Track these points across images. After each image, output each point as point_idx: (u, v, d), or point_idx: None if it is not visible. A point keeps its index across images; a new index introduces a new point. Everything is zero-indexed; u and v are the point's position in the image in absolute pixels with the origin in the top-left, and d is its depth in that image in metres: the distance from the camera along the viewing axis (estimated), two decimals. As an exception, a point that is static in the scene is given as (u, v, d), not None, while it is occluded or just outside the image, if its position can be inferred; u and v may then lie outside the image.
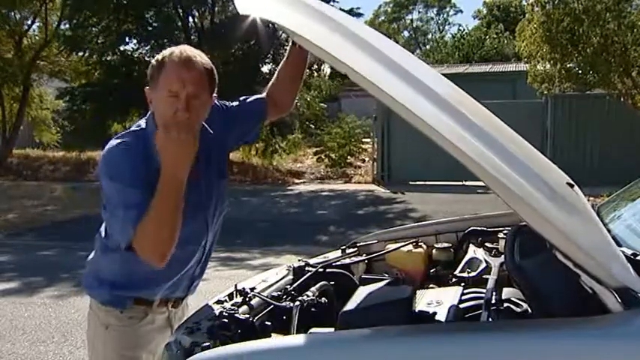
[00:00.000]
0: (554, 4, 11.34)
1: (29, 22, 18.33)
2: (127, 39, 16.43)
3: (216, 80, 1.86)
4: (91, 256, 2.01)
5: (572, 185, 1.96)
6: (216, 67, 1.90)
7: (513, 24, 19.31)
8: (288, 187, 14.37)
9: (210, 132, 1.91)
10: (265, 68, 16.44)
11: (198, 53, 1.82)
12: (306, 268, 2.19)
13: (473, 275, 2.15)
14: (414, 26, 47.59)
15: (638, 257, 1.59)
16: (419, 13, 48.13)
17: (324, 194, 13.09)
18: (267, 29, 15.60)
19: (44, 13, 17.72)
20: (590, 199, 1.93)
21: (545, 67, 12.42)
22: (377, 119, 14.65)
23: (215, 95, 1.90)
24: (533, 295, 1.62)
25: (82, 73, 18.12)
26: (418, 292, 1.88)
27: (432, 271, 2.37)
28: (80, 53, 17.11)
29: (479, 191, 12.04)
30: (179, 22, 16.37)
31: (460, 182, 13.16)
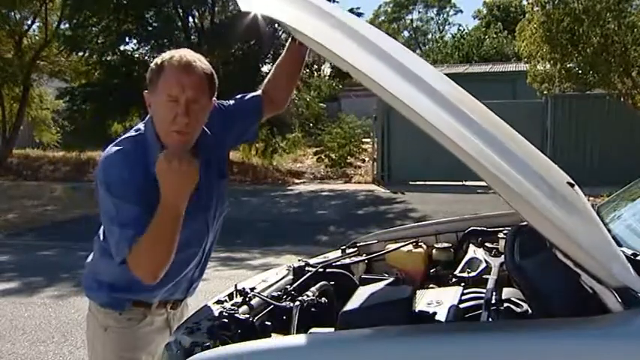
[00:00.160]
0: (554, 4, 11.35)
1: (29, 22, 18.37)
2: (127, 39, 16.45)
3: (215, 84, 1.84)
4: (89, 258, 2.01)
5: (572, 185, 1.96)
6: (216, 67, 1.89)
7: (513, 24, 19.30)
8: (288, 187, 14.37)
9: (209, 133, 1.89)
10: (265, 68, 16.43)
11: (198, 57, 1.80)
12: (306, 268, 2.19)
13: (473, 275, 2.15)
14: (414, 26, 47.59)
15: (638, 257, 1.59)
16: (419, 13, 48.18)
17: (324, 194, 13.09)
18: (268, 29, 15.62)
19: (44, 13, 17.72)
20: (590, 199, 1.93)
21: (545, 67, 12.43)
22: (377, 119, 14.66)
23: (214, 100, 1.88)
24: (533, 295, 1.62)
25: (82, 73, 18.12)
26: (418, 292, 1.88)
27: (432, 271, 2.37)
28: (80, 53, 17.11)
29: (479, 191, 12.04)
30: (179, 22, 16.37)
31: (460, 182, 13.17)
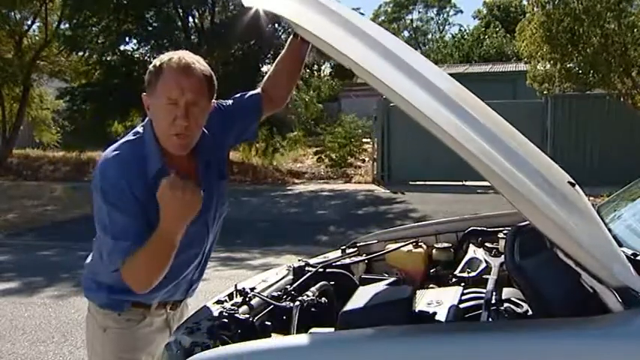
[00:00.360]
0: (554, 4, 11.34)
1: (29, 22, 18.36)
2: (127, 39, 16.46)
3: (215, 86, 1.83)
4: (89, 259, 2.00)
5: (573, 184, 1.95)
6: (215, 68, 1.88)
7: (513, 24, 19.31)
8: (288, 187, 14.37)
9: (208, 134, 1.88)
10: (265, 68, 16.43)
11: (197, 59, 1.78)
12: (306, 268, 2.18)
13: (473, 275, 2.15)
14: (414, 26, 47.55)
15: (638, 257, 1.59)
16: (419, 13, 48.15)
17: (324, 194, 13.09)
18: (268, 29, 15.62)
19: (44, 13, 17.71)
20: (590, 199, 1.93)
21: (545, 67, 12.43)
22: (377, 119, 14.66)
23: (213, 102, 1.87)
24: (533, 295, 1.62)
25: (82, 73, 18.12)
26: (418, 292, 1.88)
27: (432, 271, 2.37)
28: (80, 53, 17.13)
29: (479, 191, 12.05)
30: (179, 22, 16.37)
31: (460, 182, 13.17)
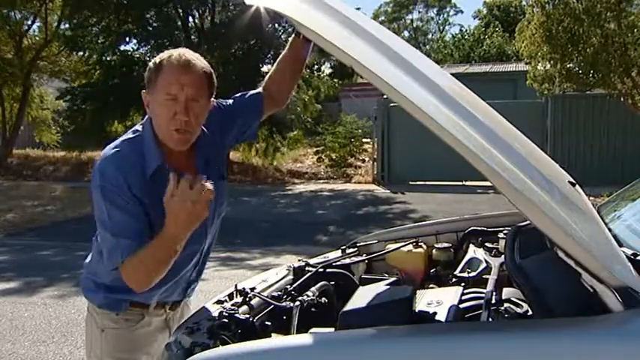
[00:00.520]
0: (554, 4, 11.34)
1: (29, 22, 18.36)
2: (127, 39, 16.46)
3: (214, 84, 1.83)
4: (87, 260, 2.00)
5: (573, 184, 1.95)
6: (215, 67, 1.88)
7: (513, 24, 19.30)
8: (288, 187, 14.37)
9: (208, 133, 1.88)
10: (265, 68, 16.43)
11: (197, 57, 1.79)
12: (306, 268, 2.18)
13: (473, 275, 2.15)
14: (414, 26, 47.57)
15: (638, 257, 1.59)
16: (419, 13, 48.18)
17: (324, 194, 13.09)
18: (268, 29, 15.62)
19: (44, 13, 17.71)
20: (590, 199, 1.93)
21: (545, 67, 12.43)
22: (377, 119, 14.66)
23: (213, 100, 1.87)
24: (533, 295, 1.62)
25: (82, 73, 18.13)
26: (418, 292, 1.87)
27: (432, 271, 2.37)
28: (80, 53, 17.13)
29: (479, 191, 12.05)
30: (179, 22, 16.38)
31: (460, 182, 13.18)
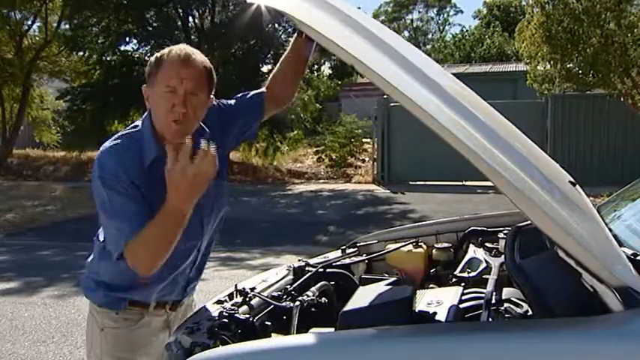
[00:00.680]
0: (554, 4, 11.34)
1: (29, 22, 18.36)
2: (127, 39, 16.47)
3: (214, 80, 1.85)
4: (89, 259, 2.02)
5: (574, 184, 1.95)
6: (216, 68, 1.89)
7: (513, 24, 19.30)
8: (288, 187, 14.38)
9: (208, 131, 1.88)
10: (265, 68, 16.44)
11: (198, 52, 1.81)
12: (306, 268, 2.18)
13: (473, 275, 2.14)
14: (414, 26, 47.59)
15: (638, 257, 1.59)
16: (419, 13, 48.21)
17: (324, 194, 13.09)
18: (268, 29, 15.62)
19: (44, 13, 17.72)
20: (590, 199, 1.93)
21: (545, 67, 12.43)
22: (377, 119, 14.66)
23: (212, 97, 1.88)
24: (533, 295, 1.62)
25: (82, 73, 18.13)
26: (418, 292, 1.87)
27: (432, 271, 2.37)
28: (80, 53, 17.13)
29: (479, 191, 12.05)
30: (179, 22, 16.39)
31: (460, 182, 13.18)
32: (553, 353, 1.37)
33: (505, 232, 2.29)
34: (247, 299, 1.86)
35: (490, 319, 1.62)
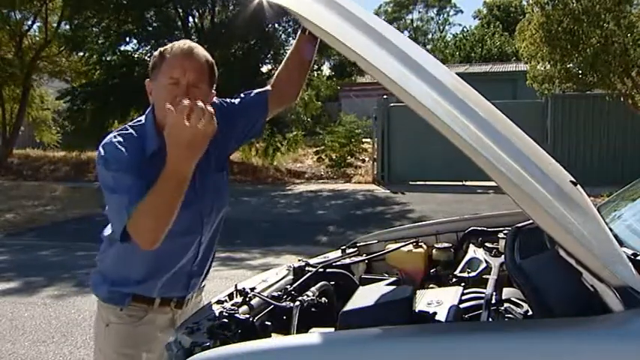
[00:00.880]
0: (554, 4, 11.34)
1: (29, 22, 18.37)
2: (127, 39, 16.47)
3: (216, 75, 1.89)
4: (97, 257, 2.05)
5: (575, 183, 1.95)
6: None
7: (513, 24, 19.31)
8: (288, 187, 14.37)
9: None
10: (265, 68, 16.45)
11: (200, 47, 1.86)
12: (306, 268, 2.18)
13: (473, 275, 2.14)
14: (414, 26, 47.59)
15: (638, 257, 1.59)
16: (419, 13, 48.22)
17: (324, 194, 13.09)
18: (268, 29, 15.61)
19: (44, 13, 17.72)
20: (590, 198, 1.93)
21: (545, 67, 12.43)
22: (377, 119, 14.65)
23: (214, 92, 1.92)
24: (534, 295, 1.62)
25: (82, 74, 18.14)
26: (418, 292, 1.87)
27: (432, 271, 2.37)
28: (80, 53, 17.13)
29: (479, 191, 12.06)
30: (179, 22, 16.39)
31: (460, 182, 13.18)
32: (553, 353, 1.37)
33: (505, 232, 2.29)
34: (247, 299, 1.86)
35: (490, 319, 1.62)
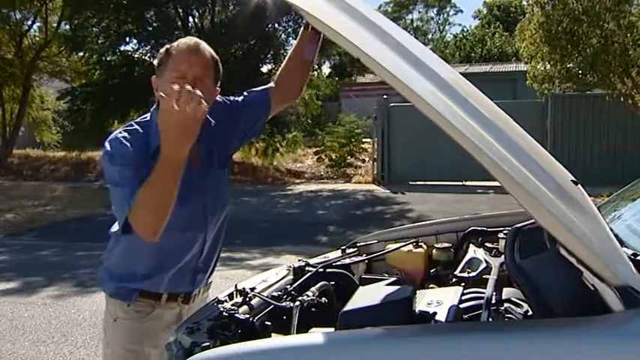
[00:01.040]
0: (553, 5, 11.34)
1: (29, 22, 18.37)
2: (127, 39, 16.45)
3: (220, 71, 1.94)
4: (104, 254, 2.08)
5: (576, 183, 1.95)
6: (216, 67, 1.94)
7: (513, 24, 19.31)
8: (288, 187, 14.37)
9: (212, 122, 1.95)
10: (265, 68, 16.45)
11: (205, 44, 1.91)
12: (306, 268, 2.18)
13: (473, 275, 2.14)
14: (414, 26, 47.58)
15: (638, 257, 1.59)
16: (419, 13, 48.26)
17: (324, 194, 13.09)
18: (268, 29, 15.60)
19: (44, 13, 17.72)
20: (591, 198, 1.93)
21: (545, 67, 12.44)
22: (377, 119, 14.65)
23: (218, 89, 1.95)
24: (534, 295, 1.62)
25: (82, 73, 18.14)
26: (418, 292, 1.87)
27: (432, 271, 2.37)
28: (80, 53, 17.13)
29: (479, 191, 12.06)
30: (179, 22, 16.37)
31: (460, 182, 13.19)
32: (553, 353, 1.37)
33: (505, 232, 2.28)
34: (247, 299, 1.86)
35: (490, 319, 1.62)
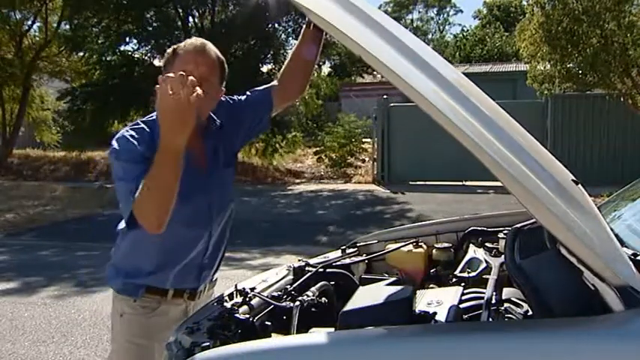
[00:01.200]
0: (553, 4, 11.34)
1: (29, 22, 18.36)
2: (127, 39, 16.43)
3: (226, 71, 1.97)
4: (112, 250, 2.10)
5: (576, 183, 1.95)
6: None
7: (513, 24, 19.31)
8: (288, 187, 14.37)
9: (217, 121, 1.99)
10: (265, 68, 16.43)
11: (211, 44, 1.94)
12: (306, 268, 2.18)
13: (473, 275, 2.14)
14: (414, 26, 47.57)
15: (638, 257, 1.58)
16: (419, 13, 48.31)
17: (324, 194, 13.09)
18: (268, 29, 15.60)
19: (44, 13, 17.71)
20: (591, 198, 1.93)
21: (545, 67, 12.44)
22: (377, 119, 14.65)
23: (223, 89, 1.99)
24: (534, 295, 1.62)
25: (82, 73, 18.13)
26: (418, 292, 1.87)
27: (432, 271, 2.37)
28: (80, 53, 17.12)
29: (479, 191, 12.06)
30: (179, 22, 16.37)
31: (460, 182, 13.18)
32: (553, 353, 1.37)
33: (505, 232, 2.28)
34: (247, 299, 1.86)
35: (490, 319, 1.62)
